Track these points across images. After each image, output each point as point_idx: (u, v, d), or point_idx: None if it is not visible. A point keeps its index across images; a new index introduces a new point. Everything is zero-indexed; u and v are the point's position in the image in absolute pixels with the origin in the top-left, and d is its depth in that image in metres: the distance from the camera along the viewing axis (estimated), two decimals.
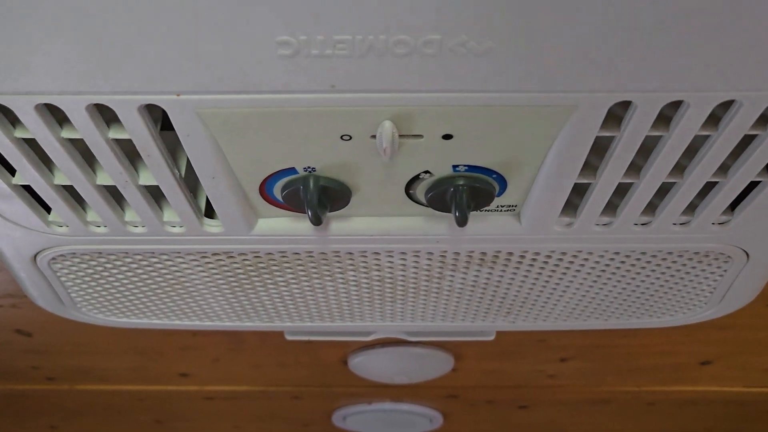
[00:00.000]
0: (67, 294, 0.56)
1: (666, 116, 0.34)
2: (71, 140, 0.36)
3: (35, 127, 0.34)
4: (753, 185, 0.41)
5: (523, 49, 0.29)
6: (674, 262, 0.50)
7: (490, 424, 1.30)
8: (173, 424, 1.35)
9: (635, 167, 0.39)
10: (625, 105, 0.33)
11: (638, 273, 0.52)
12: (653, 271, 0.51)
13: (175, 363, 1.01)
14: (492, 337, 0.71)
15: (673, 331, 0.86)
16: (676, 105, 0.33)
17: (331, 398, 1.17)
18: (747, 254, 0.48)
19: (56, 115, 0.35)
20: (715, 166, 0.38)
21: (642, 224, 0.44)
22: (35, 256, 0.49)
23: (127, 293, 0.56)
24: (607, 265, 0.50)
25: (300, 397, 1.16)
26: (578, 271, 0.51)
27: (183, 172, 0.40)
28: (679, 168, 0.39)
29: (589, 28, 0.28)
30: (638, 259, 0.49)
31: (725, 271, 0.51)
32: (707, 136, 0.36)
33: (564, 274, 0.52)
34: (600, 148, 0.37)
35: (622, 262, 0.50)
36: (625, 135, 0.34)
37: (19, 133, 0.35)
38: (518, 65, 0.30)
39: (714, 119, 0.34)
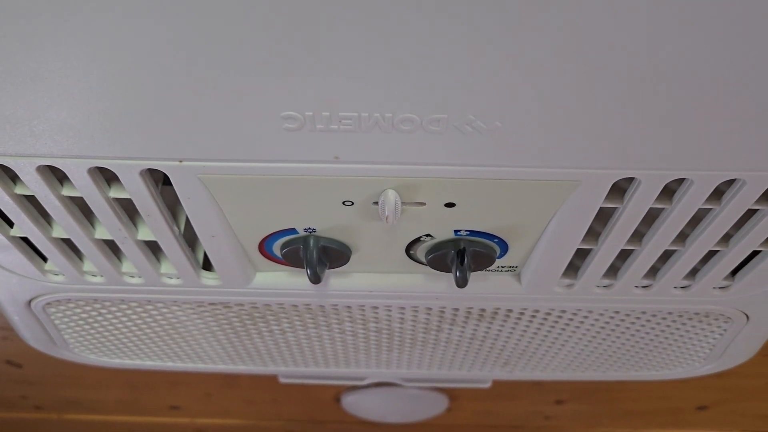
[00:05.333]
0: (60, 336, 0.55)
1: (669, 189, 0.34)
2: (70, 197, 0.36)
3: (36, 186, 0.34)
4: (754, 252, 0.41)
5: (530, 128, 0.29)
6: (674, 321, 0.50)
7: None
8: None
9: (638, 234, 0.39)
10: (629, 178, 0.33)
11: (638, 330, 0.51)
12: (653, 328, 0.51)
13: (166, 396, 1.00)
14: (488, 385, 0.70)
15: None
16: (680, 179, 0.33)
17: None
18: (747, 316, 0.48)
19: (56, 173, 0.35)
20: (717, 237, 0.37)
21: (643, 287, 0.44)
22: (30, 301, 0.48)
23: (120, 336, 0.55)
24: (607, 322, 0.50)
25: (292, 431, 1.15)
26: (578, 327, 0.51)
27: (182, 228, 0.39)
28: (682, 237, 0.39)
29: (597, 109, 0.28)
30: (638, 318, 0.49)
31: (725, 330, 0.51)
32: (710, 208, 0.36)
33: (563, 329, 0.51)
34: (603, 214, 0.37)
35: (622, 320, 0.49)
36: (628, 208, 0.34)
37: (19, 190, 0.35)
38: (523, 143, 0.30)
39: (717, 192, 0.34)
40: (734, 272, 0.44)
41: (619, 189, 0.34)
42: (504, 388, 0.88)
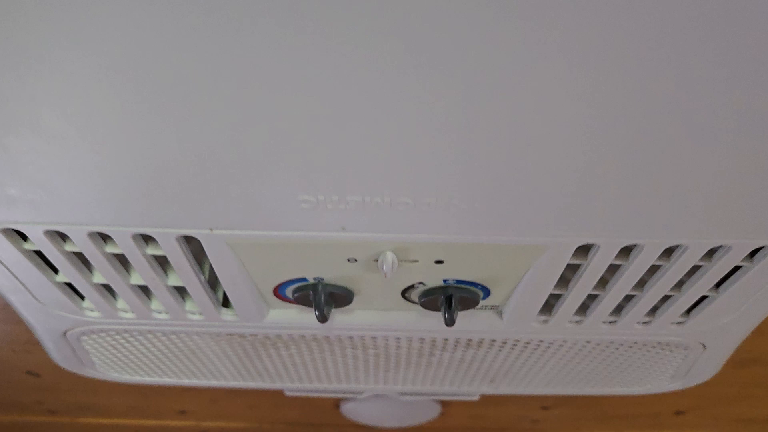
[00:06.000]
0: (89, 358, 0.61)
1: (627, 247, 0.40)
2: (113, 253, 0.42)
3: (84, 246, 0.39)
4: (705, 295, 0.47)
5: (503, 207, 0.34)
6: (639, 349, 0.56)
7: None
8: None
9: (602, 281, 0.45)
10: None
11: (608, 355, 0.58)
12: (621, 354, 0.57)
13: (174, 401, 1.06)
14: (477, 398, 0.76)
15: None
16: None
17: None
18: (704, 345, 0.54)
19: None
20: (670, 286, 0.43)
21: (609, 322, 0.50)
22: (65, 332, 0.54)
23: (143, 358, 0.61)
24: (580, 349, 0.56)
25: None
26: (554, 353, 0.57)
27: (207, 275, 0.45)
28: (641, 283, 0.45)
29: (558, 192, 0.34)
30: (607, 346, 0.55)
31: (686, 356, 0.57)
32: (661, 264, 0.42)
33: (541, 355, 0.57)
34: (574, 265, 0.43)
35: (593, 347, 0.55)
36: (590, 265, 0.40)
37: (68, 247, 0.41)
38: (498, 218, 0.35)
39: (668, 251, 0.40)
40: (689, 309, 0.50)
41: (584, 247, 0.40)
42: (493, 396, 0.95)
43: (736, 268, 0.43)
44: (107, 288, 0.47)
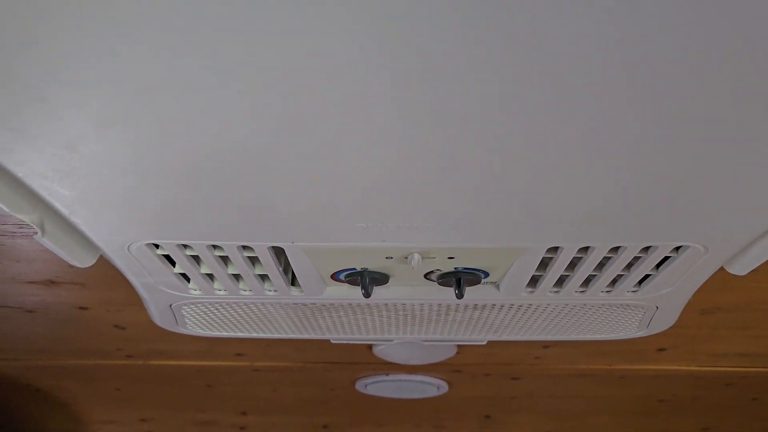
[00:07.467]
0: (183, 320, 0.79)
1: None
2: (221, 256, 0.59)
3: (202, 253, 0.57)
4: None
5: (492, 226, 0.51)
6: (607, 309, 0.72)
7: (488, 391, 1.55)
8: (221, 389, 1.61)
9: (572, 264, 0.61)
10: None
11: (584, 313, 0.75)
12: (594, 312, 0.74)
13: (234, 347, 1.26)
14: (484, 342, 0.94)
15: None
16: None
17: (356, 371, 1.42)
18: (657, 306, 0.71)
19: None
20: (619, 270, 0.60)
21: (581, 291, 0.67)
22: (171, 305, 0.72)
23: (225, 320, 0.79)
24: (561, 309, 0.73)
25: (331, 370, 1.41)
26: (542, 312, 0.74)
27: (283, 265, 0.62)
28: (600, 265, 0.61)
29: (530, 213, 0.50)
30: (582, 307, 0.72)
31: (644, 313, 0.74)
32: (610, 257, 0.58)
33: (532, 313, 0.75)
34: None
35: (571, 308, 0.72)
36: (558, 258, 0.57)
37: (188, 252, 0.58)
38: (489, 233, 0.52)
39: (614, 248, 0.56)
40: (640, 282, 0.66)
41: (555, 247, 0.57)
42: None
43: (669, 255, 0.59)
44: (209, 275, 0.65)
